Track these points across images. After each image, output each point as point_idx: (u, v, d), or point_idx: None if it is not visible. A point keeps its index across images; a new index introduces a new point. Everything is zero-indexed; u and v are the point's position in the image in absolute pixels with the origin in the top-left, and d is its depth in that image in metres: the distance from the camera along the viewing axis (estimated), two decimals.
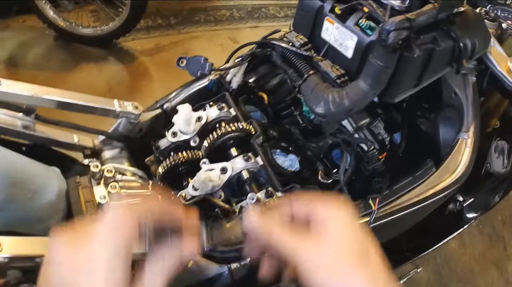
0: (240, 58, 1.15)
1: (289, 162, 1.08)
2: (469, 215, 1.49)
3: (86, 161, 1.08)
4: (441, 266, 2.15)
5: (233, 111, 1.05)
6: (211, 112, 1.03)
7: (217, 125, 1.03)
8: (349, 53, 0.98)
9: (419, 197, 1.06)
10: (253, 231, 0.53)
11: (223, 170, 0.93)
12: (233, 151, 0.98)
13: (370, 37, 0.94)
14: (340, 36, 0.99)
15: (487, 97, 1.36)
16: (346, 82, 0.98)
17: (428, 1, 0.91)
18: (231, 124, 0.98)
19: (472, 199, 1.48)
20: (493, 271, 2.18)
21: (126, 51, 3.03)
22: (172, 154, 1.04)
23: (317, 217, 0.52)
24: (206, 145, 0.97)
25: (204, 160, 0.97)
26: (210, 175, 0.89)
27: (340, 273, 0.48)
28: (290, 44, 1.06)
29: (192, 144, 1.01)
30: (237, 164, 0.94)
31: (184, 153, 0.98)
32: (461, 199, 1.49)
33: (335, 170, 1.07)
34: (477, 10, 1.20)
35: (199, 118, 1.03)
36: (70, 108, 0.98)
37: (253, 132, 1.00)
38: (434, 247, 1.51)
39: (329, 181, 1.04)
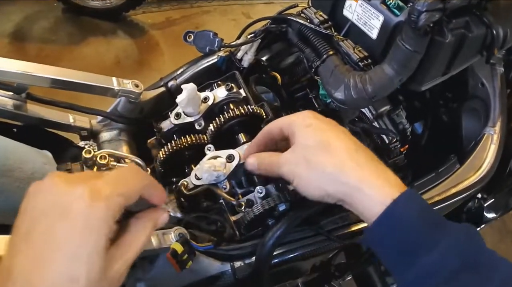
0: (253, 34, 1.04)
1: None
2: (489, 215, 1.41)
3: (82, 143, 1.00)
4: None
5: (243, 92, 0.95)
6: (219, 92, 0.93)
7: (225, 107, 0.94)
8: (373, 34, 0.88)
9: (441, 195, 0.98)
10: (256, 169, 0.78)
11: (230, 158, 0.84)
12: (242, 137, 0.89)
13: (398, 17, 0.84)
14: (365, 15, 0.88)
15: None
16: (369, 66, 0.88)
17: None
18: (240, 107, 0.88)
19: (493, 200, 1.40)
20: None
21: (135, 25, 2.95)
22: (175, 137, 0.96)
23: (290, 133, 0.73)
24: (212, 129, 0.88)
25: (209, 145, 0.88)
26: (215, 164, 0.80)
27: (307, 164, 0.68)
28: (308, 21, 0.96)
29: (196, 127, 0.92)
30: None
31: (187, 137, 0.89)
32: (479, 196, 1.41)
33: None
34: None
35: (205, 99, 0.93)
36: (65, 87, 0.90)
37: (265, 117, 0.90)
38: None
39: None
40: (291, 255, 0.87)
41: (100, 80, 0.92)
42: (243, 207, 0.80)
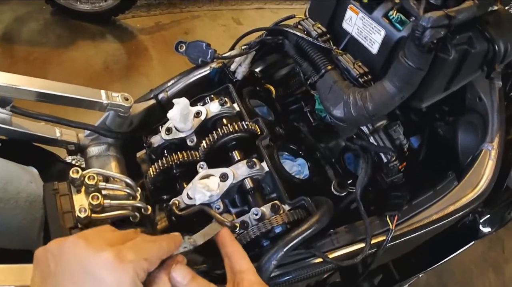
0: (248, 46, 1.01)
1: (297, 167, 0.95)
2: (485, 230, 1.39)
3: (69, 158, 0.96)
4: (441, 267, 2.10)
5: (236, 107, 0.92)
6: (212, 107, 0.90)
7: (218, 122, 0.91)
8: (374, 49, 0.85)
9: (438, 214, 0.97)
10: None
11: (223, 177, 0.80)
12: (236, 155, 0.86)
13: (401, 32, 0.81)
14: (365, 28, 0.85)
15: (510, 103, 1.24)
16: (369, 82, 0.85)
17: None
18: (234, 123, 0.85)
19: (489, 215, 1.38)
20: (490, 274, 2.14)
21: (125, 29, 2.90)
22: (165, 152, 0.92)
23: None
24: (205, 146, 0.85)
25: (202, 163, 0.85)
26: (208, 184, 0.77)
27: None
28: (306, 33, 0.93)
29: (188, 143, 0.89)
30: (240, 171, 0.82)
31: (179, 153, 0.86)
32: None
33: (349, 181, 0.95)
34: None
35: (197, 114, 0.90)
36: (52, 101, 0.87)
37: (259, 133, 0.87)
38: (445, 260, 1.42)
39: (343, 194, 0.92)
40: (286, 278, 0.84)
41: (89, 94, 0.88)
42: (237, 229, 0.77)
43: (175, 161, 0.84)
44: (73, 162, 1.05)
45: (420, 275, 1.58)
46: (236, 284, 0.64)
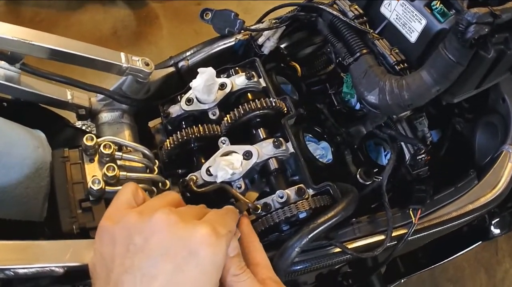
0: (278, 20, 0.95)
1: (321, 150, 0.91)
2: (495, 231, 1.38)
3: (79, 123, 0.91)
4: None
5: (262, 82, 0.87)
6: (238, 80, 0.84)
7: (242, 97, 0.85)
8: (412, 37, 0.80)
9: (458, 211, 0.94)
10: None
11: (247, 155, 0.75)
12: (261, 132, 0.81)
13: (442, 24, 0.77)
14: (405, 15, 0.81)
15: None
16: (405, 71, 0.81)
17: None
18: (262, 100, 0.80)
19: (499, 218, 1.38)
20: (482, 275, 2.12)
21: None
22: (183, 124, 0.87)
23: None
24: (229, 121, 0.79)
25: (223, 138, 0.80)
26: (233, 162, 0.72)
27: None
28: (341, 13, 0.88)
29: (210, 116, 0.83)
30: (265, 150, 0.76)
31: (200, 126, 0.80)
32: None
33: (375, 170, 0.91)
34: None
35: (222, 86, 0.84)
36: (66, 60, 0.80)
37: (286, 112, 0.82)
38: (452, 257, 1.41)
39: (368, 183, 0.87)
40: (300, 266, 0.81)
41: (107, 55, 0.82)
42: (259, 211, 0.72)
43: (196, 133, 0.79)
44: (83, 128, 0.99)
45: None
46: None
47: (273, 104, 0.80)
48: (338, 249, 0.82)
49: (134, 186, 0.58)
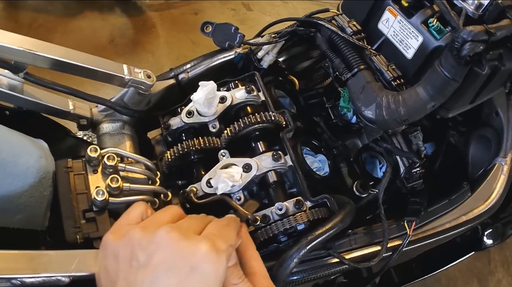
0: (278, 35, 0.97)
1: (318, 163, 0.92)
2: (488, 242, 1.40)
3: (80, 133, 0.92)
4: None
5: (262, 96, 0.88)
6: (238, 94, 0.86)
7: (242, 110, 0.87)
8: (409, 53, 0.83)
9: (451, 223, 0.97)
10: None
11: (246, 168, 0.77)
12: (260, 146, 0.83)
13: (438, 41, 0.79)
14: (402, 32, 0.83)
15: None
16: (402, 86, 0.83)
17: (504, 15, 0.76)
18: (261, 113, 0.81)
19: (491, 229, 1.40)
20: (475, 285, 2.14)
21: (133, 4, 2.80)
22: (183, 136, 0.88)
23: None
24: (229, 134, 0.81)
25: (223, 151, 0.82)
26: (233, 174, 0.74)
27: None
28: (339, 29, 0.90)
29: (210, 129, 0.85)
30: (264, 163, 0.78)
31: (200, 139, 0.82)
32: None
33: (371, 183, 0.93)
34: None
35: (222, 99, 0.86)
36: (69, 71, 0.81)
37: (284, 125, 0.84)
38: (445, 268, 1.43)
39: (364, 195, 0.89)
40: (298, 277, 0.83)
41: (110, 67, 0.84)
42: (258, 222, 0.74)
43: (196, 146, 0.81)
44: (85, 138, 1.00)
45: None
46: None
47: (272, 118, 0.81)
48: (335, 259, 0.84)
49: (145, 206, 0.60)
